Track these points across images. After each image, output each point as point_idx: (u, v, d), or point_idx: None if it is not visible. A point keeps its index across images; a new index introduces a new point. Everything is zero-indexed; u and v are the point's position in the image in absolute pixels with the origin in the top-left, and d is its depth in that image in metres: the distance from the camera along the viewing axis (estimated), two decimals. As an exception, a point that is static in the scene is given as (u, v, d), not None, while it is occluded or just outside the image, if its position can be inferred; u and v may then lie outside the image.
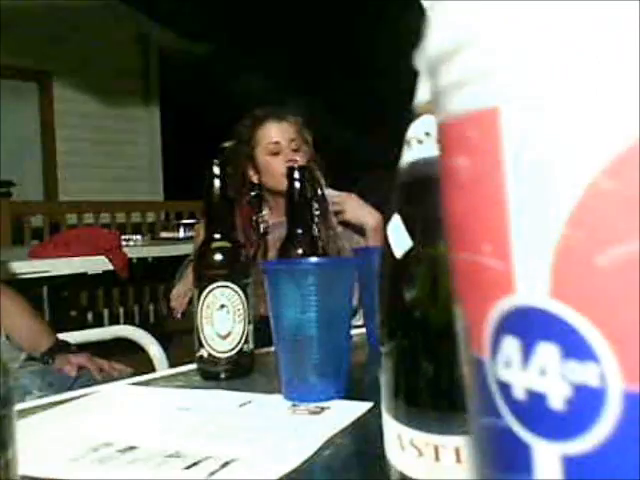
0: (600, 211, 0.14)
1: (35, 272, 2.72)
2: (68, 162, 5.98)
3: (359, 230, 1.66)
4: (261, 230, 1.68)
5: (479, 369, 0.18)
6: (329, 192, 1.69)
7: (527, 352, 0.16)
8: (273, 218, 1.68)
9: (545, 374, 0.15)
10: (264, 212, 1.71)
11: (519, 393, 0.16)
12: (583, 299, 0.15)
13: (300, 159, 1.59)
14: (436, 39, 0.18)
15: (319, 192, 1.63)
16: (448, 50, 0.18)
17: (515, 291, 0.16)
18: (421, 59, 0.20)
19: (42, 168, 6.03)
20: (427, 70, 0.20)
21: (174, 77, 6.67)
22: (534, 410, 0.16)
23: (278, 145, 1.64)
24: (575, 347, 0.15)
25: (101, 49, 6.03)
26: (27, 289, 2.26)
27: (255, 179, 1.69)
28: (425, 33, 0.20)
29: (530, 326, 0.16)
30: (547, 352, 0.15)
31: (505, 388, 0.17)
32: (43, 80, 5.95)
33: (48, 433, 0.62)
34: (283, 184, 1.73)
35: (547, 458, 0.16)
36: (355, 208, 1.64)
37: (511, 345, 0.16)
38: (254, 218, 1.68)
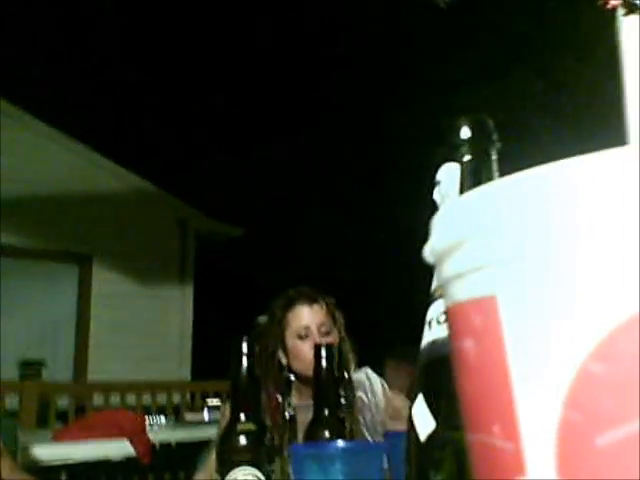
0: (593, 393, 0.15)
1: (56, 459, 2.63)
2: (100, 342, 6.06)
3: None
4: (287, 415, 1.62)
5: None
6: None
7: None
8: (301, 401, 1.64)
9: None
10: (292, 395, 1.67)
11: None
12: (589, 479, 0.15)
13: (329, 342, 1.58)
14: (439, 236, 0.21)
15: (346, 376, 1.60)
16: (449, 245, 0.20)
17: (525, 472, 0.17)
18: (428, 252, 0.22)
19: (74, 348, 6.11)
20: (433, 262, 0.22)
21: (209, 258, 6.97)
22: None
23: (308, 329, 1.62)
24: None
25: (141, 233, 6.38)
26: (46, 474, 2.18)
27: (284, 361, 1.67)
28: (431, 230, 0.22)
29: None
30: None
31: None
32: (83, 262, 6.24)
33: None
34: (310, 370, 1.68)
35: None
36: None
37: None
38: (281, 401, 1.63)
